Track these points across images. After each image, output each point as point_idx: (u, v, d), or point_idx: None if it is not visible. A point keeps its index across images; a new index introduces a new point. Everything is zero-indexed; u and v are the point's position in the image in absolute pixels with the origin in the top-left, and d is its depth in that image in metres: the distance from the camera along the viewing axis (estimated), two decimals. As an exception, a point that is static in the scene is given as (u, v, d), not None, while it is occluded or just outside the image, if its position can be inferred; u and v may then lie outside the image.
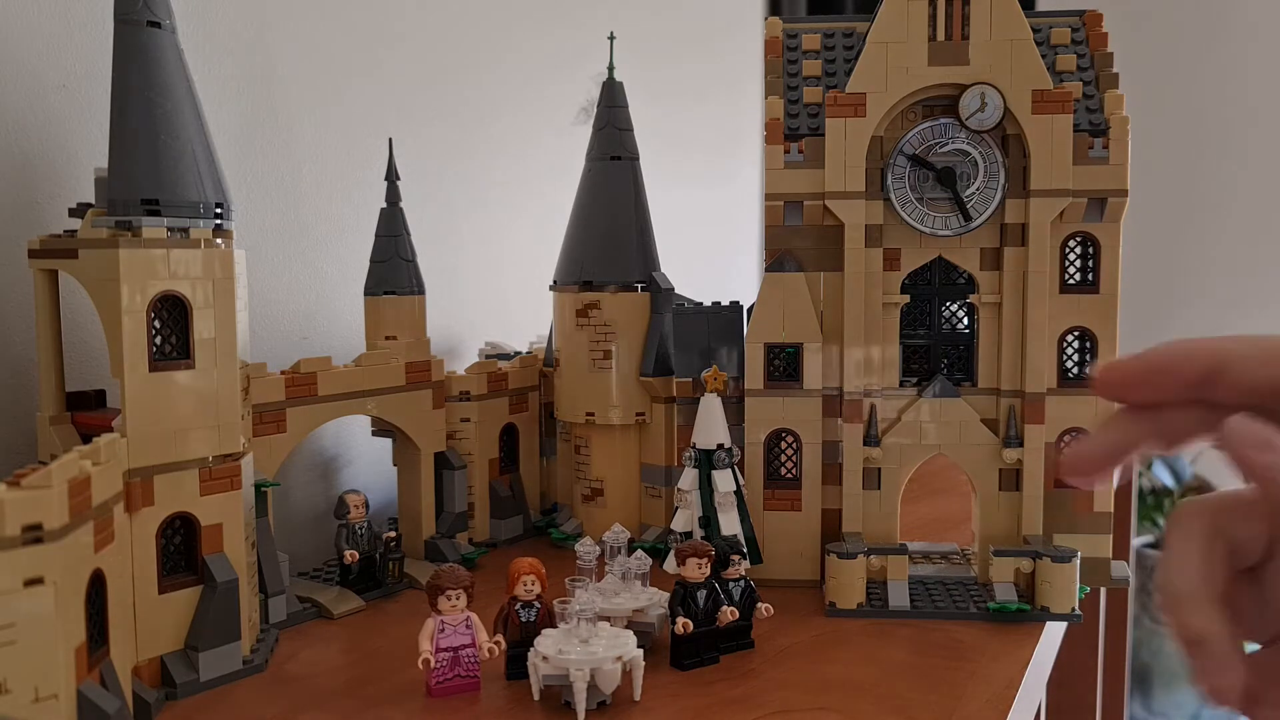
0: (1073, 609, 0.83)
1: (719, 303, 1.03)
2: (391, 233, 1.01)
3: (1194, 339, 0.43)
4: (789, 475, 0.92)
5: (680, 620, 0.73)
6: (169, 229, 0.69)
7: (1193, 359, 0.43)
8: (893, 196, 0.88)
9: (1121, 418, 0.44)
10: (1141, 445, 0.45)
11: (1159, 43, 3.54)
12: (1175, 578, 0.40)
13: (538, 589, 0.72)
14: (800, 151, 0.89)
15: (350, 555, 0.89)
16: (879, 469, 0.90)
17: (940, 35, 0.86)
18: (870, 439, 0.89)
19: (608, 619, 0.72)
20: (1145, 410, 0.43)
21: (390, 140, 1.02)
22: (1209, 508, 0.42)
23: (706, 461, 0.91)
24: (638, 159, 1.09)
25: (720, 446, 0.91)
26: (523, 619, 0.72)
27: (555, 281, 1.08)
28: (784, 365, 0.92)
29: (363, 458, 1.15)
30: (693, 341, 1.02)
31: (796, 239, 0.91)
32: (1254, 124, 3.50)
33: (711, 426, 0.92)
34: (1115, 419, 0.44)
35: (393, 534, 0.92)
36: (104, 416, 0.75)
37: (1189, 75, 3.55)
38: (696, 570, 0.74)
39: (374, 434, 1.04)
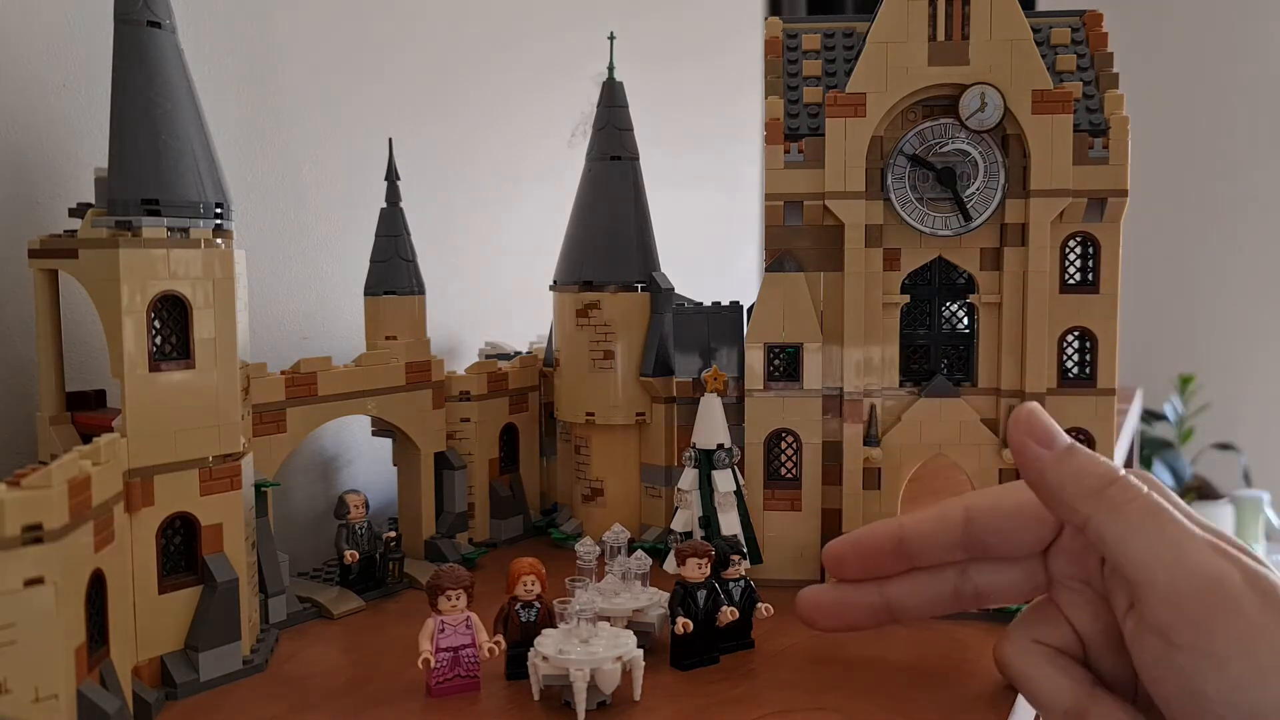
0: (1073, 609, 0.83)
1: (719, 303, 1.03)
2: (391, 233, 1.01)
3: (886, 520, 0.50)
4: (789, 475, 0.92)
5: (680, 620, 0.73)
6: (169, 229, 0.69)
7: (880, 535, 0.49)
8: (893, 196, 0.88)
9: (851, 585, 0.50)
10: (879, 612, 0.52)
11: (1159, 43, 3.54)
12: (1058, 704, 0.42)
13: (538, 589, 0.72)
14: (800, 151, 0.89)
15: (350, 555, 0.89)
16: (879, 469, 0.90)
17: (940, 35, 0.86)
18: (870, 439, 0.89)
19: (608, 619, 0.72)
20: (870, 581, 0.48)
21: (390, 140, 1.02)
22: (1023, 635, 0.46)
23: (706, 461, 0.91)
24: (638, 159, 1.09)
25: (720, 446, 0.91)
26: (523, 619, 0.72)
27: (555, 281, 1.08)
28: (784, 365, 0.92)
29: (363, 458, 1.15)
30: (693, 341, 1.02)
31: (796, 239, 0.91)
32: (1255, 123, 3.50)
33: (711, 426, 0.92)
34: (846, 585, 0.50)
35: (393, 534, 0.92)
36: (104, 416, 0.75)
37: (1189, 75, 3.54)
38: (696, 570, 0.74)
39: (374, 434, 1.04)
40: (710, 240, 2.14)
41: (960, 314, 0.92)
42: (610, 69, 1.09)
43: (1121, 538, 0.38)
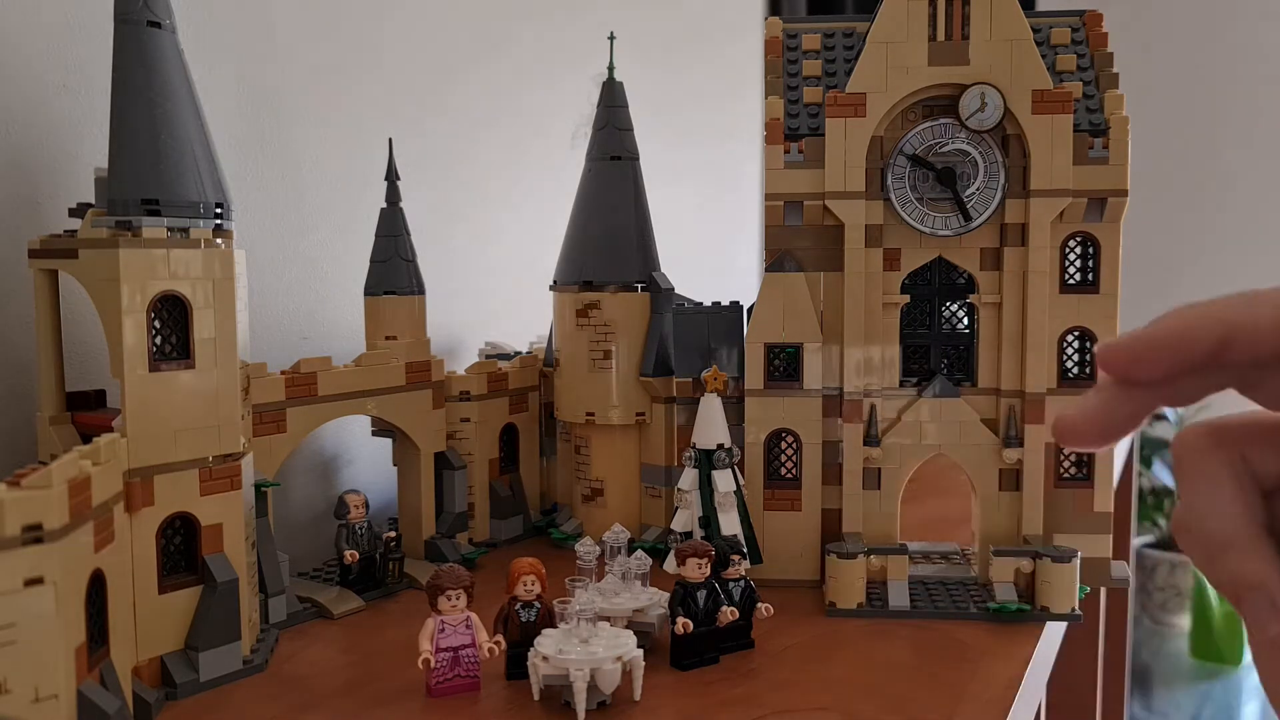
0: (1073, 609, 0.83)
1: (719, 303, 1.03)
2: (391, 233, 1.01)
3: (1196, 307, 0.40)
4: (789, 475, 0.92)
5: (680, 620, 0.73)
6: (169, 229, 0.69)
7: (1198, 333, 0.40)
8: (893, 196, 0.88)
9: (1121, 389, 0.41)
10: (1144, 416, 0.43)
11: (1159, 43, 3.54)
12: (1212, 522, 0.36)
13: (538, 589, 0.72)
14: (800, 151, 0.89)
15: (350, 555, 0.89)
16: (879, 469, 0.90)
17: (940, 35, 0.86)
18: (870, 439, 0.89)
19: (608, 619, 0.72)
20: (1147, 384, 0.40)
21: (390, 140, 1.02)
22: (1229, 438, 0.39)
23: (706, 461, 0.91)
24: (638, 159, 1.09)
25: (720, 446, 0.91)
26: (523, 619, 0.72)
27: (555, 281, 1.08)
28: (784, 365, 0.92)
29: (363, 458, 1.15)
30: (693, 341, 1.02)
31: (796, 239, 0.91)
32: (1255, 123, 3.51)
33: (711, 426, 0.92)
34: (1115, 390, 0.41)
35: (393, 534, 0.92)
36: (104, 416, 0.75)
37: (1189, 75, 3.55)
38: (696, 570, 0.74)
39: (374, 434, 1.04)
40: (710, 240, 2.14)
41: (960, 314, 0.92)
42: (610, 69, 1.09)
43: None
